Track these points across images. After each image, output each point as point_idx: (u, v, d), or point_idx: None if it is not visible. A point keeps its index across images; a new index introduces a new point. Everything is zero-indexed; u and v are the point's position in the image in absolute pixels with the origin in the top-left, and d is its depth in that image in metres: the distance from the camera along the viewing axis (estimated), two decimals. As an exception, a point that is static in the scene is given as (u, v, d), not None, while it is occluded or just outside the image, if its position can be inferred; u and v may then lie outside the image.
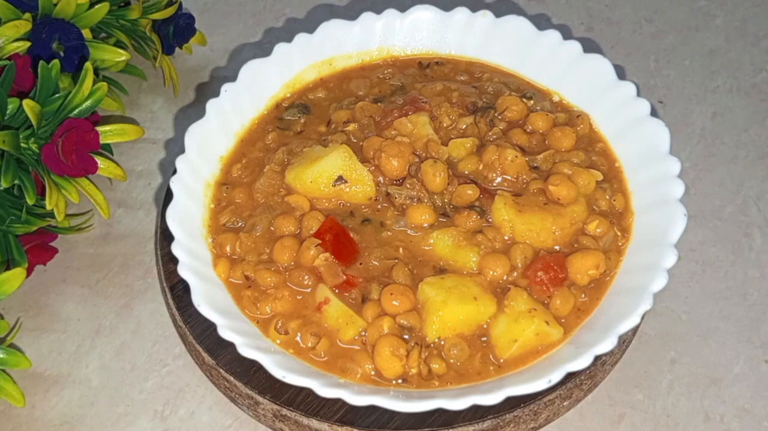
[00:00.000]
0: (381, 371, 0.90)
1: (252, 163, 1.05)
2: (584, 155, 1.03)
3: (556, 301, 0.93)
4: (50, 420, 0.96)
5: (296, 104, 1.10)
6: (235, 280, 0.96)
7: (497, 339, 0.91)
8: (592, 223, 0.98)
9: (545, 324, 0.91)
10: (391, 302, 0.92)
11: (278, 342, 0.92)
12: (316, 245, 0.95)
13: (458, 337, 0.92)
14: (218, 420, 0.96)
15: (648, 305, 0.89)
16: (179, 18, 1.20)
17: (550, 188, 0.98)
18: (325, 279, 0.95)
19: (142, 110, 1.21)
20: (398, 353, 0.90)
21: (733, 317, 1.02)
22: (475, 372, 0.90)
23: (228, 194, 1.03)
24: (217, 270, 0.97)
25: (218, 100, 1.05)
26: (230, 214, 1.01)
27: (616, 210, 1.00)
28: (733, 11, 1.32)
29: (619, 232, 0.98)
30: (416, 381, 0.90)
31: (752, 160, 1.15)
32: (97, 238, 1.09)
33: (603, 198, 1.00)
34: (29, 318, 1.03)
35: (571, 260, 0.95)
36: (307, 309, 0.94)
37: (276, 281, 0.96)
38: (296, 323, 0.93)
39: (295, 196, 1.01)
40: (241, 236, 0.98)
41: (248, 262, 0.97)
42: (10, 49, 1.04)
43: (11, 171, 0.98)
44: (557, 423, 0.94)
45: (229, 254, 0.98)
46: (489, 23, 1.11)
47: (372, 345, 0.91)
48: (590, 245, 0.96)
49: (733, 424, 0.94)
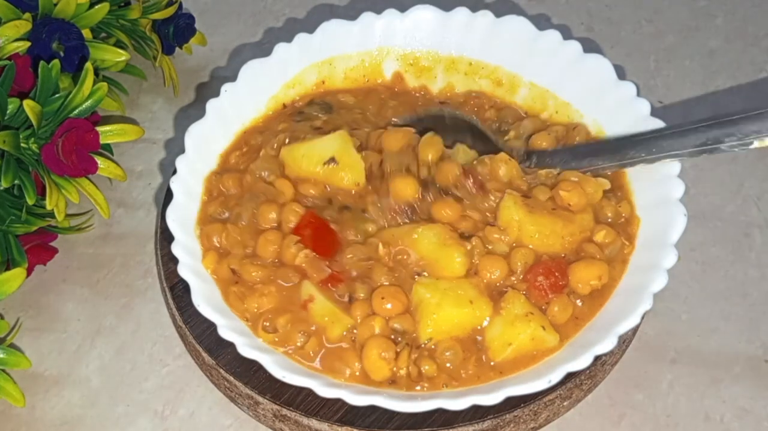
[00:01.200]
0: (368, 373, 0.90)
1: (252, 149, 1.05)
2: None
3: (554, 308, 0.92)
4: (50, 420, 0.96)
5: (319, 102, 1.09)
6: (222, 274, 0.96)
7: (491, 341, 0.91)
8: (600, 232, 0.96)
9: (541, 329, 0.90)
10: (382, 305, 0.91)
11: (274, 340, 0.92)
12: (295, 242, 0.95)
13: (452, 340, 0.91)
14: (218, 420, 0.95)
15: (648, 305, 0.89)
16: (179, 18, 1.20)
17: (561, 194, 0.97)
18: (310, 276, 0.94)
19: (142, 110, 1.21)
20: (386, 356, 0.89)
21: (733, 317, 1.02)
22: (467, 376, 0.90)
23: (217, 181, 1.02)
24: (204, 263, 0.96)
25: (218, 100, 1.05)
26: (218, 204, 1.00)
27: (623, 218, 0.99)
28: (733, 11, 1.32)
29: (626, 240, 0.97)
30: (405, 382, 0.89)
31: (752, 160, 1.15)
32: (97, 238, 1.09)
33: (609, 206, 0.98)
34: (29, 318, 1.03)
35: (574, 268, 0.94)
36: (294, 305, 0.93)
37: (262, 276, 0.95)
38: (284, 319, 0.92)
39: (281, 181, 1.00)
40: (228, 228, 0.97)
41: (234, 255, 0.96)
42: (10, 49, 1.04)
43: (11, 171, 0.98)
44: (557, 423, 0.94)
45: (216, 247, 0.97)
46: (489, 23, 1.11)
47: (362, 344, 0.90)
48: (595, 254, 0.95)
49: (733, 424, 0.94)
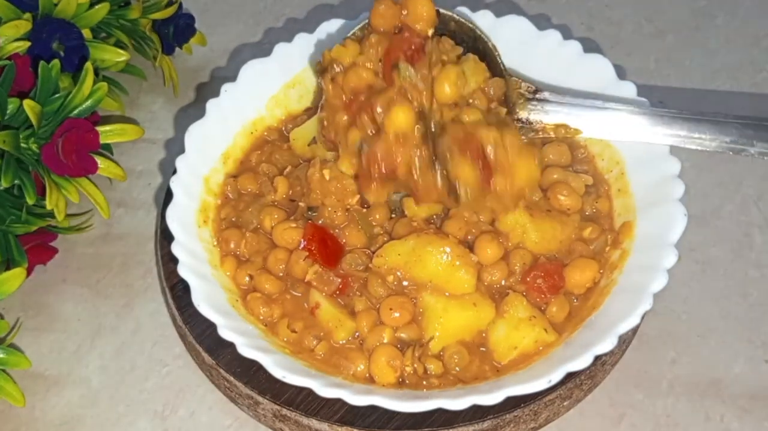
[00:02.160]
0: (374, 376, 0.91)
1: (274, 149, 1.06)
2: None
3: (553, 308, 0.94)
4: (50, 420, 0.96)
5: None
6: (240, 280, 0.97)
7: (496, 345, 0.92)
8: (586, 229, 0.98)
9: (544, 332, 0.92)
10: (390, 315, 0.93)
11: (285, 340, 0.93)
12: (304, 257, 0.96)
13: (458, 344, 0.92)
14: (218, 420, 0.95)
15: (648, 305, 0.89)
16: (179, 18, 1.21)
17: (560, 199, 0.98)
18: (320, 290, 0.95)
19: (142, 110, 1.21)
20: (394, 364, 0.90)
21: (733, 318, 1.02)
22: (473, 377, 0.91)
23: (234, 184, 1.03)
24: (223, 268, 0.98)
25: (218, 99, 1.05)
26: (230, 208, 1.02)
27: (602, 213, 1.00)
28: (733, 11, 1.32)
29: (609, 235, 0.98)
30: (413, 379, 0.90)
31: (752, 160, 1.15)
32: (97, 238, 1.09)
33: (588, 202, 1.00)
34: (29, 318, 1.03)
35: (570, 271, 0.95)
36: (304, 311, 0.95)
37: (273, 288, 0.96)
38: (300, 324, 0.94)
39: (280, 178, 1.01)
40: (247, 236, 0.99)
41: (253, 263, 0.98)
42: (10, 49, 1.04)
43: (11, 171, 0.98)
44: (557, 423, 0.94)
45: (234, 252, 0.99)
46: (489, 23, 1.11)
47: (369, 350, 0.92)
48: (584, 252, 0.96)
49: (733, 424, 0.94)
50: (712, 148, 0.96)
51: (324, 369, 0.91)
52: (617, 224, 0.99)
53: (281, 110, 1.10)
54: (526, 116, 1.02)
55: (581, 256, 0.96)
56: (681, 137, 0.97)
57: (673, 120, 0.98)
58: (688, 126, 0.97)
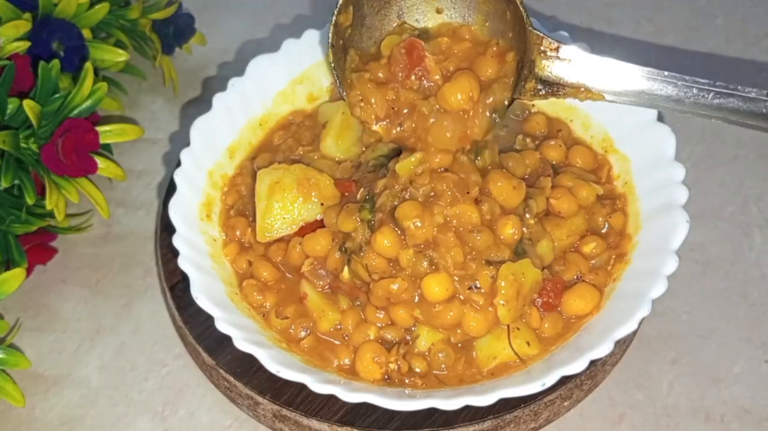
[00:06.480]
0: (359, 371, 0.91)
1: (301, 128, 1.07)
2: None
3: (545, 324, 0.92)
4: (50, 420, 0.96)
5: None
6: (240, 265, 0.98)
7: (479, 351, 0.92)
8: (588, 244, 0.96)
9: (526, 345, 0.91)
10: (375, 314, 0.93)
11: (278, 328, 0.94)
12: (299, 243, 0.96)
13: (443, 343, 0.92)
14: (218, 420, 0.96)
15: (646, 311, 0.88)
16: (179, 18, 1.21)
17: (552, 202, 0.96)
18: (313, 283, 0.95)
19: (142, 110, 1.21)
20: (379, 360, 0.90)
21: (733, 317, 1.02)
22: (457, 378, 0.91)
23: (247, 167, 1.04)
24: (225, 251, 0.99)
25: (225, 94, 1.05)
26: (236, 195, 1.03)
27: (614, 230, 0.98)
28: (733, 11, 1.32)
29: (614, 255, 0.96)
30: (397, 376, 0.90)
31: (752, 160, 1.15)
32: (97, 238, 1.09)
33: (601, 213, 0.98)
34: (29, 318, 1.03)
35: (568, 297, 0.93)
36: (295, 298, 0.96)
37: (270, 276, 0.97)
38: (292, 309, 0.95)
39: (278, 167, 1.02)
40: (253, 225, 0.99)
41: (254, 250, 0.99)
42: (10, 49, 1.04)
43: (11, 171, 0.98)
44: (557, 423, 0.94)
45: (239, 239, 1.00)
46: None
47: (355, 346, 0.92)
48: (584, 269, 0.94)
49: (733, 424, 0.94)
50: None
51: (311, 361, 0.92)
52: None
53: (288, 105, 1.10)
54: (546, 75, 0.95)
55: (584, 281, 0.94)
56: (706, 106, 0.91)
57: (707, 90, 0.91)
58: (719, 99, 0.90)
